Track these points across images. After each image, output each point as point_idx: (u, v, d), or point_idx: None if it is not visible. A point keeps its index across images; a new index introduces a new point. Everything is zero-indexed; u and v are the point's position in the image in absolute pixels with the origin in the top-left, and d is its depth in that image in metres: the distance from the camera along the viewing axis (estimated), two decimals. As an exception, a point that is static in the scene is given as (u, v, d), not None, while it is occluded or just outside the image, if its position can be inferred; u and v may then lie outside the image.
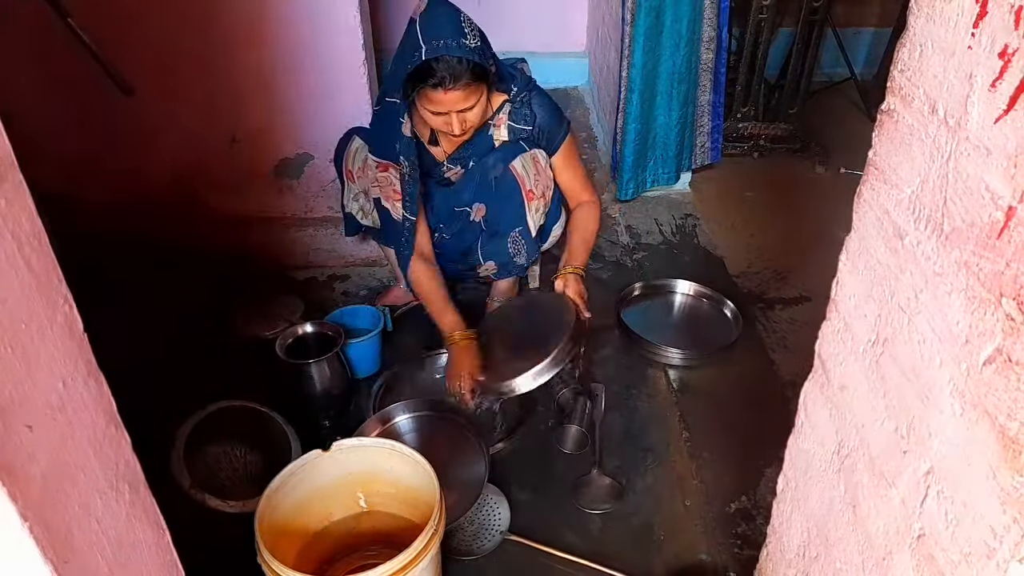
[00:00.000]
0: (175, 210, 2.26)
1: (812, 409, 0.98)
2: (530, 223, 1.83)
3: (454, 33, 1.54)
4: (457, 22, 1.56)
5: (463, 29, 1.56)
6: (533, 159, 1.80)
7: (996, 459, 0.58)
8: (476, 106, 1.64)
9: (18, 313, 0.54)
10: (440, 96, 1.58)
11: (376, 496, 1.43)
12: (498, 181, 1.79)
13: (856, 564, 0.85)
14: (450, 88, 1.56)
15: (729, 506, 1.58)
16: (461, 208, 1.89)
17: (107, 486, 0.67)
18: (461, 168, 1.85)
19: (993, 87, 0.56)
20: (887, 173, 0.75)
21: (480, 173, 1.83)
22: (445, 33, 1.54)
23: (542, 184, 1.82)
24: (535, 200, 1.81)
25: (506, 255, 1.88)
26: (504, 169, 1.78)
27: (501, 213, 1.83)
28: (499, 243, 1.87)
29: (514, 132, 1.80)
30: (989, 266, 0.58)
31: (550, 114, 1.81)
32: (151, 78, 1.98)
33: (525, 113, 1.79)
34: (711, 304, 2.19)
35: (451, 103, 1.59)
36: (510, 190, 1.79)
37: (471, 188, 1.85)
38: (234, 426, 1.57)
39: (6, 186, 0.52)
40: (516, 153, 1.78)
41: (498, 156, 1.79)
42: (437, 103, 1.60)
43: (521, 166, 1.78)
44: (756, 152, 3.07)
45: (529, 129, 1.80)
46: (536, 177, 1.80)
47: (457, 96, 1.58)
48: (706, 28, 2.40)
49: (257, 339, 1.97)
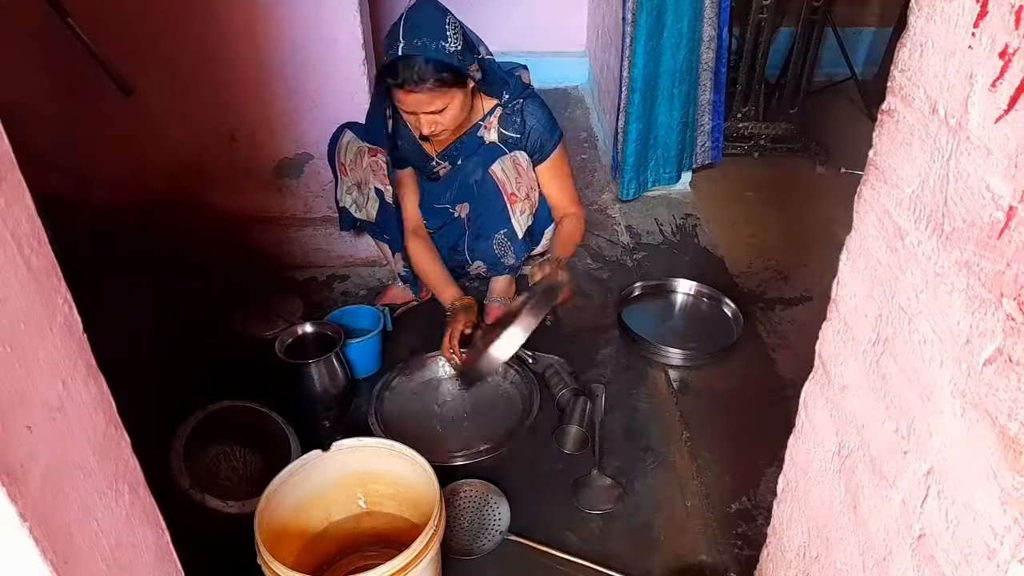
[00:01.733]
0: (174, 210, 2.26)
1: (812, 409, 0.97)
2: (515, 225, 1.83)
3: (434, 34, 1.54)
4: (441, 24, 1.56)
5: (446, 32, 1.56)
6: (514, 161, 1.80)
7: (997, 459, 0.58)
8: (448, 109, 1.64)
9: (17, 313, 0.54)
10: (403, 96, 1.60)
11: (376, 496, 1.43)
12: (478, 184, 1.80)
13: (857, 564, 0.85)
14: (411, 90, 1.57)
15: (729, 506, 1.58)
16: (442, 206, 1.91)
17: (107, 486, 0.67)
18: (450, 164, 1.87)
19: (993, 87, 0.56)
20: (887, 173, 0.75)
21: (462, 175, 1.84)
22: (425, 33, 1.54)
23: (525, 186, 1.82)
24: (519, 202, 1.81)
25: (493, 256, 1.89)
26: (483, 173, 1.79)
27: (484, 215, 1.84)
28: (484, 244, 1.88)
29: (503, 137, 1.80)
30: (990, 266, 0.58)
31: (542, 123, 1.80)
32: (151, 78, 1.98)
33: (515, 120, 1.79)
34: (711, 304, 2.19)
35: (415, 104, 1.61)
36: (491, 193, 1.79)
37: (453, 187, 1.87)
38: (234, 426, 1.57)
39: (6, 186, 0.52)
40: (495, 156, 1.79)
41: (477, 160, 1.80)
42: (401, 102, 1.63)
43: (500, 170, 1.78)
44: (757, 152, 3.07)
45: (518, 137, 1.79)
46: (518, 180, 1.80)
47: (421, 98, 1.59)
48: (707, 28, 2.40)
49: (257, 339, 1.97)
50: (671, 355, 1.98)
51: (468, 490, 1.59)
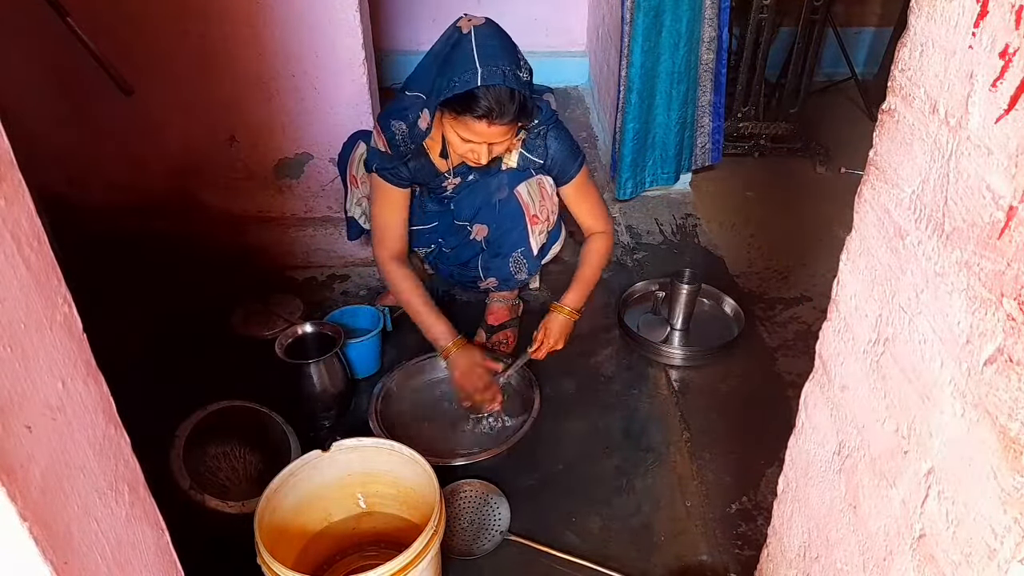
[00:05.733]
0: (175, 210, 2.26)
1: (813, 409, 0.97)
2: (533, 244, 1.83)
3: (512, 62, 1.45)
4: (515, 51, 1.48)
5: (519, 60, 1.48)
6: (539, 185, 1.79)
7: (997, 459, 0.58)
8: (508, 139, 1.57)
9: (17, 313, 0.54)
10: (481, 128, 1.48)
11: (376, 496, 1.43)
12: (502, 204, 1.78)
13: (857, 564, 0.85)
14: (495, 122, 1.47)
15: (730, 506, 1.58)
16: (461, 223, 1.88)
17: (107, 486, 0.67)
18: (460, 179, 1.81)
19: (994, 87, 0.56)
20: (888, 173, 0.75)
21: (483, 193, 1.80)
22: (503, 60, 1.43)
23: (547, 209, 1.81)
24: (539, 224, 1.81)
25: (507, 272, 1.89)
26: (509, 194, 1.76)
27: (505, 236, 1.82)
28: (501, 262, 1.87)
29: (525, 161, 1.76)
30: (990, 266, 0.58)
31: (565, 149, 1.76)
32: (151, 78, 1.98)
33: (539, 145, 1.73)
34: (712, 304, 2.19)
35: (489, 136, 1.51)
36: (515, 215, 1.78)
37: (471, 206, 1.83)
38: (234, 426, 1.57)
39: (6, 186, 0.52)
40: (522, 179, 1.76)
41: (503, 180, 1.77)
42: (475, 132, 1.50)
43: (527, 192, 1.77)
44: (757, 152, 3.07)
45: (541, 162, 1.76)
46: (541, 203, 1.80)
47: (498, 131, 1.50)
48: (707, 28, 2.40)
49: (256, 339, 1.97)
50: (671, 355, 1.98)
51: (468, 490, 1.59)
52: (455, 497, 1.57)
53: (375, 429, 1.69)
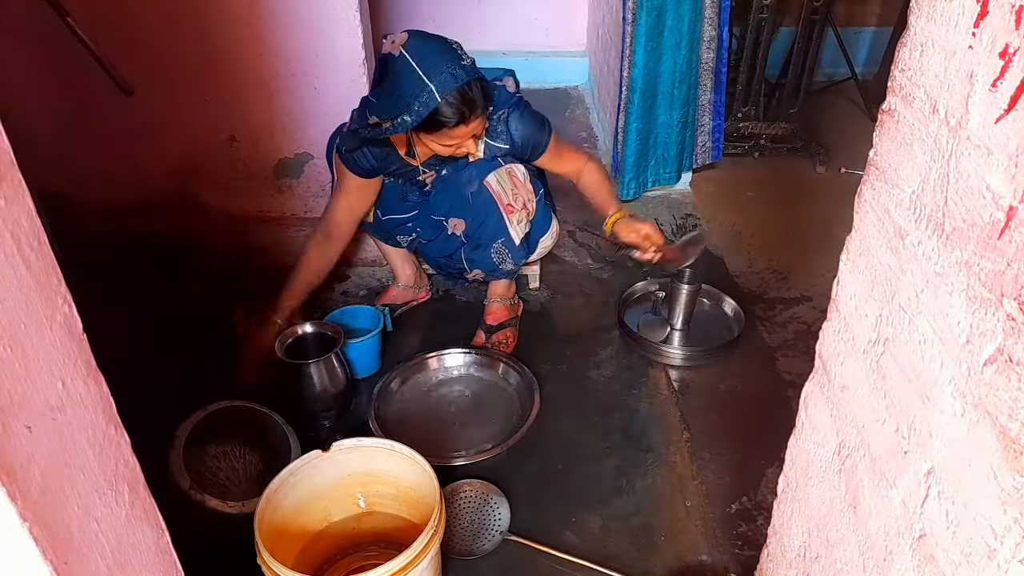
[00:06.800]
0: (175, 210, 2.26)
1: (813, 409, 0.97)
2: (512, 234, 1.83)
3: (452, 58, 1.47)
4: (447, 45, 1.50)
5: (456, 51, 1.50)
6: (509, 174, 1.78)
7: (997, 460, 0.58)
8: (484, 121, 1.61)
9: (17, 313, 0.54)
10: (460, 131, 1.54)
11: (376, 496, 1.43)
12: (474, 196, 1.77)
13: (857, 565, 0.85)
14: (470, 120, 1.52)
15: (730, 507, 1.58)
16: (437, 218, 1.88)
17: (107, 486, 0.67)
18: (434, 173, 1.82)
19: (994, 87, 0.56)
20: (888, 173, 0.75)
21: (455, 188, 1.80)
22: (445, 62, 1.46)
23: (522, 197, 1.81)
24: (515, 212, 1.80)
25: (491, 263, 1.89)
26: (479, 185, 1.76)
27: (482, 228, 1.82)
28: (483, 253, 1.87)
29: (491, 149, 1.76)
30: (990, 266, 0.58)
31: (529, 128, 1.76)
32: (151, 78, 1.98)
33: (501, 131, 1.74)
34: (712, 304, 2.19)
35: (469, 131, 1.56)
36: (487, 205, 1.77)
37: (445, 201, 1.83)
38: (234, 426, 1.57)
39: (6, 186, 0.52)
40: (490, 169, 1.76)
41: (472, 172, 1.76)
42: (456, 137, 1.56)
43: (496, 182, 1.76)
44: (757, 152, 3.07)
45: (507, 148, 1.76)
46: (515, 192, 1.79)
47: (476, 123, 1.56)
48: (707, 28, 2.40)
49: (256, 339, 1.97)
50: (671, 355, 1.98)
51: (468, 490, 1.59)
52: (455, 497, 1.57)
53: (375, 429, 1.70)
